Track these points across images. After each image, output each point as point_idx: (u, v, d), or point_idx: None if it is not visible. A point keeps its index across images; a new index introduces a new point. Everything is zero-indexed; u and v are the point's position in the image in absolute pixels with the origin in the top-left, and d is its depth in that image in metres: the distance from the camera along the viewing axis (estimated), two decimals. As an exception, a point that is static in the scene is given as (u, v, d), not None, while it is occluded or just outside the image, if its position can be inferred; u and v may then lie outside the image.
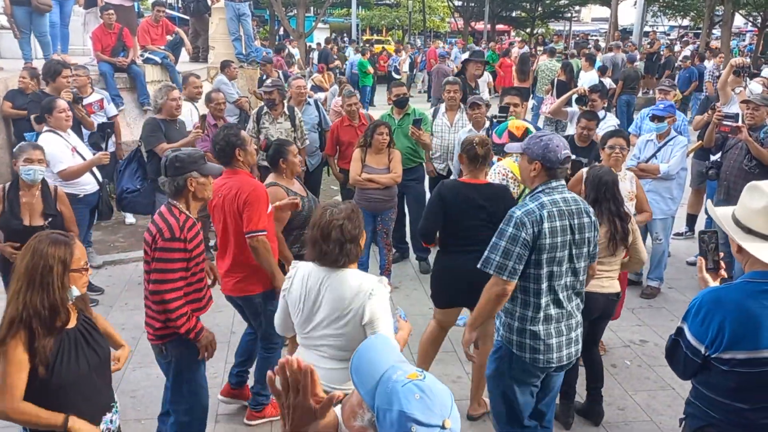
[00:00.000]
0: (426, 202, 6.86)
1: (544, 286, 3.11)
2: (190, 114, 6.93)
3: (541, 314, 3.15)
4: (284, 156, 4.40)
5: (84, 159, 5.47)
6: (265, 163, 6.59)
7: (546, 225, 3.01)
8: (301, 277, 2.91)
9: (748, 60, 6.92)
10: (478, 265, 3.17)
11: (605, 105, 7.14)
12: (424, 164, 6.81)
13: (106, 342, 2.87)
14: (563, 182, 3.17)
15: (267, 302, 4.05)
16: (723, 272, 2.73)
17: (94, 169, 5.60)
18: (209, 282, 3.70)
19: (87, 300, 2.76)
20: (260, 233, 3.84)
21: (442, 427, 1.42)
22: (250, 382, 4.41)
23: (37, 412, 2.51)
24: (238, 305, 4.24)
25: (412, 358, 4.60)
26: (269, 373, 1.56)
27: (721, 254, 2.73)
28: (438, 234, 4.20)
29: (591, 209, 3.24)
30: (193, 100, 7.21)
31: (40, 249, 2.51)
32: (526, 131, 4.62)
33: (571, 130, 6.53)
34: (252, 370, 4.41)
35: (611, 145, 4.86)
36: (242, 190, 3.87)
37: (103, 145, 6.87)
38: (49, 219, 4.49)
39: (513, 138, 4.63)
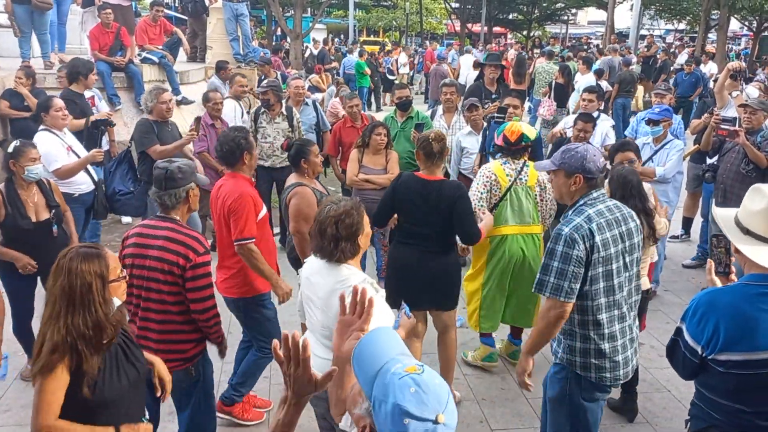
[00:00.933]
0: None
1: (603, 301, 3.00)
2: (233, 111, 7.33)
3: (605, 331, 3.02)
4: (306, 156, 4.38)
5: (79, 158, 5.46)
6: (261, 163, 6.66)
7: (598, 238, 2.90)
8: (310, 266, 3.03)
9: (744, 64, 6.95)
10: (533, 290, 3.08)
11: (601, 107, 7.15)
12: None
13: (143, 356, 2.75)
14: (603, 191, 3.09)
15: (248, 308, 4.06)
16: (733, 277, 2.70)
17: (90, 168, 5.58)
18: None
19: (125, 313, 2.62)
20: (247, 241, 3.83)
21: (435, 421, 1.43)
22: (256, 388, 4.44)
23: (74, 428, 2.38)
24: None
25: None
26: (275, 341, 1.64)
27: (733, 259, 2.69)
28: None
29: (633, 213, 3.17)
30: (238, 98, 7.70)
31: (74, 267, 2.36)
32: (522, 136, 4.59)
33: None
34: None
35: (620, 161, 4.77)
36: (228, 196, 3.86)
37: (98, 142, 6.84)
38: (53, 210, 4.51)
39: (507, 142, 4.58)
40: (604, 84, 13.65)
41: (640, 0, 20.14)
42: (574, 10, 44.32)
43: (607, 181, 4.13)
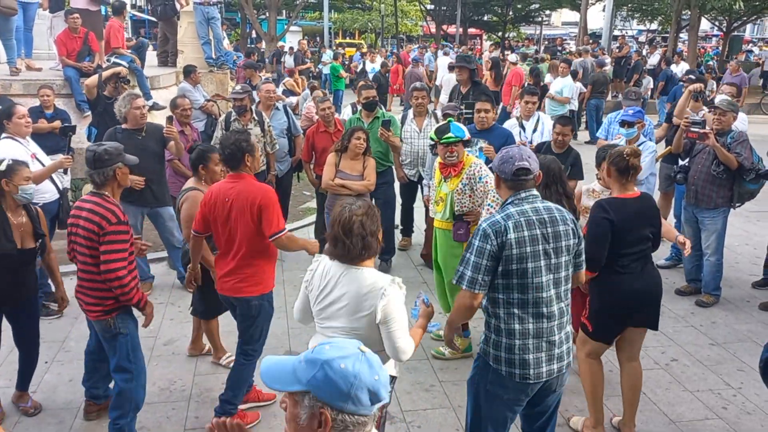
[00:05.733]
0: (395, 205, 6.91)
1: (516, 297, 3.04)
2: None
3: (516, 327, 3.05)
4: (205, 163, 4.42)
5: (44, 165, 5.34)
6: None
7: (512, 235, 2.96)
8: (322, 270, 3.02)
9: (709, 85, 6.75)
10: (453, 281, 3.17)
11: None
12: (393, 167, 6.80)
13: None
14: (534, 192, 3.13)
15: (262, 306, 4.14)
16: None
17: (55, 177, 5.46)
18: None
19: None
20: (282, 233, 3.98)
21: (360, 350, 1.61)
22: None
23: None
24: (232, 306, 4.24)
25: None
26: None
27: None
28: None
29: (570, 217, 3.15)
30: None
31: None
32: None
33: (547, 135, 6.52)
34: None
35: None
36: (255, 195, 3.93)
37: (65, 149, 6.70)
38: (39, 240, 4.20)
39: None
40: (579, 85, 13.76)
41: (612, 1, 20.29)
42: (548, 12, 44.64)
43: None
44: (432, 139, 4.92)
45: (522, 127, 6.71)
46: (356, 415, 1.56)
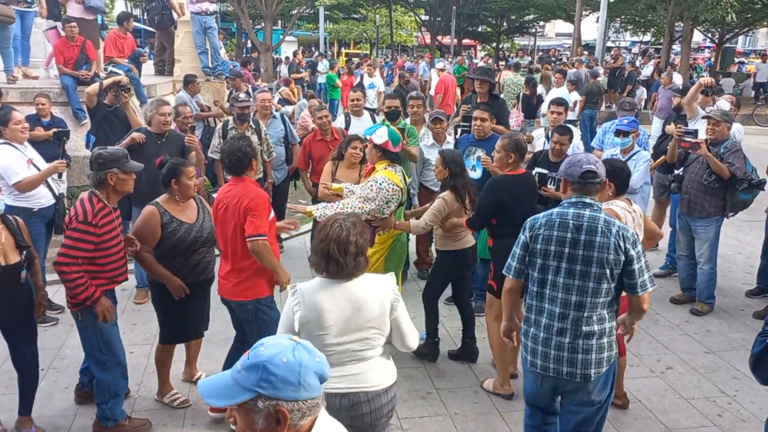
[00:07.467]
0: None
1: (536, 289, 3.25)
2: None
3: (532, 316, 3.29)
4: (177, 177, 4.15)
5: (40, 171, 5.35)
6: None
7: (542, 231, 3.17)
8: (314, 296, 2.84)
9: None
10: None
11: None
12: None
13: None
14: (586, 199, 3.17)
15: (259, 310, 4.17)
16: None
17: (50, 182, 5.46)
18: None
19: None
20: (260, 237, 3.96)
21: (292, 339, 1.68)
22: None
23: None
24: (231, 309, 4.30)
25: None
26: None
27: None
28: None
29: (622, 234, 3.05)
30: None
31: None
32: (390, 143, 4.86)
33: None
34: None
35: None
36: (244, 197, 3.99)
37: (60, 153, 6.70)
38: (24, 252, 3.97)
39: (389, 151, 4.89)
40: (574, 95, 13.85)
41: (605, 13, 20.45)
42: (542, 23, 44.90)
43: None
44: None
45: (548, 137, 6.68)
46: (309, 399, 1.62)
